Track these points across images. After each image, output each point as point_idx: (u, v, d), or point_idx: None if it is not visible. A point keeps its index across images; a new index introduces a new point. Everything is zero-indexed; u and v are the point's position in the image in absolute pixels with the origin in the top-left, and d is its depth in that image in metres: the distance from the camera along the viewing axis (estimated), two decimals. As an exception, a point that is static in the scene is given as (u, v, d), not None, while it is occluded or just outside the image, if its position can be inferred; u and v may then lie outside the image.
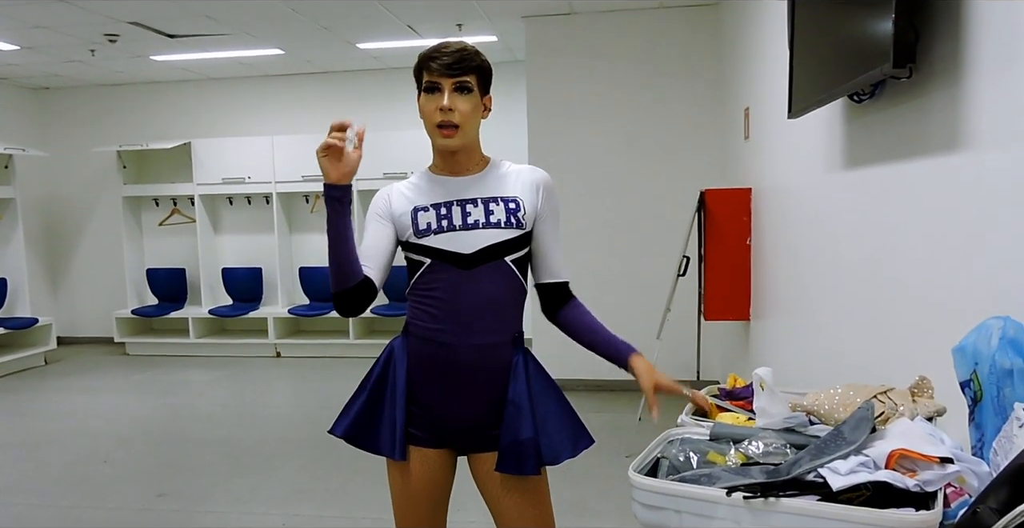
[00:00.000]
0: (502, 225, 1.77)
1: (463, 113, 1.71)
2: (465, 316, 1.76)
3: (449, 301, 1.77)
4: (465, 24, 5.65)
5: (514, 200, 1.79)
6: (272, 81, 7.56)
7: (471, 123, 1.75)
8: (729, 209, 4.21)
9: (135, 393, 6.20)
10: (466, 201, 1.79)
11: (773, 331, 3.71)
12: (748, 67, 4.22)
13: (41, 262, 7.98)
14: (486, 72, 1.77)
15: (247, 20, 5.39)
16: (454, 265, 1.76)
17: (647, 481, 1.35)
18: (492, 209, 1.78)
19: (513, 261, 1.79)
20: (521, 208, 1.79)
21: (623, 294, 5.52)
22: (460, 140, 1.74)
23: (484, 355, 1.77)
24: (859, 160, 2.30)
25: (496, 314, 1.78)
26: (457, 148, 1.76)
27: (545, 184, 1.84)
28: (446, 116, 1.71)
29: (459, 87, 1.71)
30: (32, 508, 3.71)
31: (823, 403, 1.54)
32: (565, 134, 5.57)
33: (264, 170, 7.24)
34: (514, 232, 1.78)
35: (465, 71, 1.71)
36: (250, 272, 7.61)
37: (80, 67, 6.85)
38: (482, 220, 1.77)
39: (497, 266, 1.77)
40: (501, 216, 1.77)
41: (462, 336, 1.76)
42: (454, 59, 1.70)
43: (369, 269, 1.77)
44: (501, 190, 1.80)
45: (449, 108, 1.70)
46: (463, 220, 1.77)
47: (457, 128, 1.72)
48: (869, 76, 1.84)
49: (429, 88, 1.73)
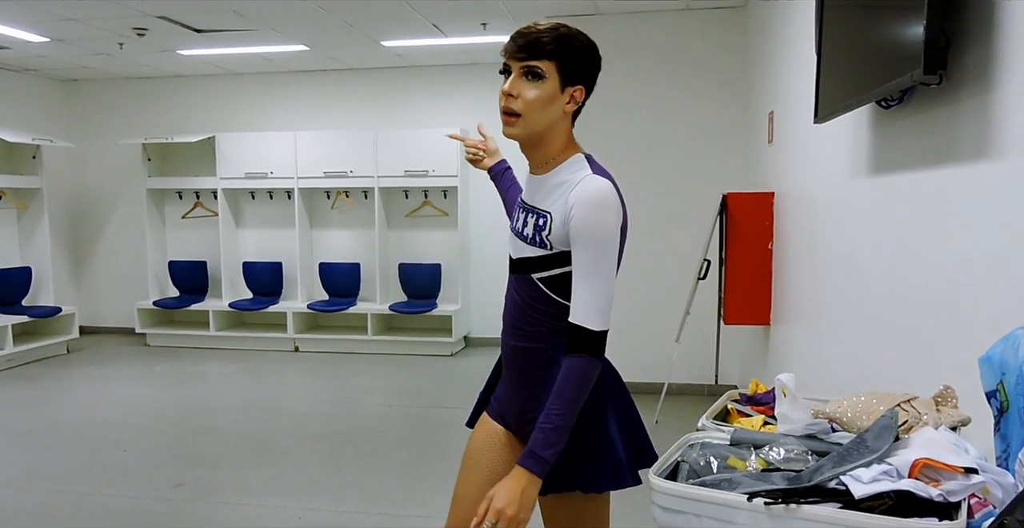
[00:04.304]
0: (528, 241, 1.65)
1: (526, 101, 1.57)
2: (507, 317, 1.76)
3: (505, 299, 1.78)
4: (490, 23, 5.65)
5: (544, 215, 1.62)
6: (297, 77, 7.60)
7: (536, 113, 1.58)
8: (751, 213, 4.19)
9: (155, 384, 6.27)
10: (522, 205, 1.72)
11: (794, 337, 3.69)
12: (773, 70, 4.20)
13: (65, 252, 8.09)
14: (570, 59, 1.59)
15: (273, 16, 5.42)
16: (509, 266, 1.75)
17: (667, 485, 1.35)
18: (528, 221, 1.67)
19: (542, 280, 1.65)
20: (547, 226, 1.60)
21: (643, 296, 5.51)
22: (521, 130, 1.60)
23: (518, 356, 1.73)
24: (886, 166, 2.29)
25: (523, 323, 1.71)
26: (519, 138, 1.63)
27: (579, 201, 1.54)
28: (507, 102, 1.59)
29: (528, 72, 1.57)
30: (52, 494, 3.76)
31: (846, 410, 1.53)
32: (587, 135, 5.53)
33: (287, 165, 7.29)
34: (538, 251, 1.63)
35: (534, 55, 1.56)
36: (270, 266, 7.67)
37: (108, 60, 6.93)
38: (520, 230, 1.69)
39: (526, 280, 1.68)
40: (529, 231, 1.65)
41: (507, 334, 1.77)
42: (526, 41, 1.57)
43: None
44: (543, 201, 1.64)
45: (510, 93, 1.58)
46: (515, 225, 1.73)
47: (519, 117, 1.58)
48: (899, 82, 1.82)
49: (503, 71, 1.62)
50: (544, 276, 1.64)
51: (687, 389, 5.24)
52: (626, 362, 5.87)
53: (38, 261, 7.28)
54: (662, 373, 4.98)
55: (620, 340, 5.54)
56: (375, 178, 7.10)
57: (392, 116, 7.39)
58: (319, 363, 6.90)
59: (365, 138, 7.13)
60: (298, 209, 7.40)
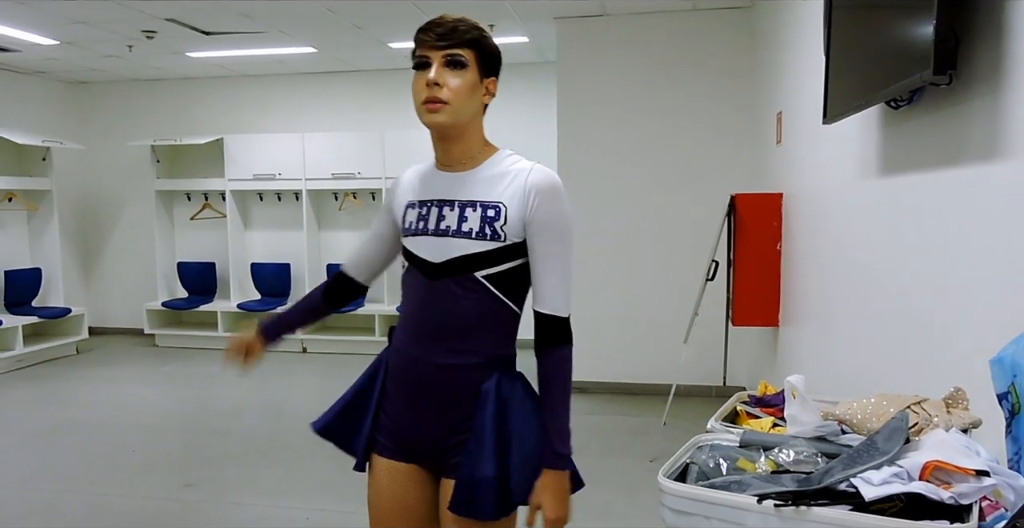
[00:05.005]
0: (473, 235, 1.53)
1: (454, 90, 1.49)
2: (427, 331, 1.59)
3: (414, 312, 1.61)
4: (497, 24, 5.66)
5: (495, 206, 1.53)
6: (304, 79, 7.62)
7: (463, 102, 1.52)
8: (759, 214, 4.18)
9: (164, 384, 6.29)
10: (445, 202, 1.59)
11: (802, 338, 3.68)
12: (781, 71, 4.19)
13: (75, 253, 8.12)
14: (487, 49, 1.56)
15: (281, 18, 5.44)
16: (423, 273, 1.58)
17: (677, 487, 1.35)
18: (467, 215, 1.55)
19: (489, 277, 1.54)
20: (501, 217, 1.53)
21: (651, 298, 5.50)
22: (448, 117, 1.51)
23: (446, 376, 1.55)
24: (895, 167, 2.28)
25: (459, 334, 1.56)
26: (445, 126, 1.53)
27: (540, 189, 1.53)
28: (432, 91, 1.49)
29: (450, 61, 1.50)
30: (61, 494, 3.77)
31: (855, 412, 1.53)
32: (595, 136, 5.56)
33: (294, 167, 7.30)
34: (488, 244, 1.53)
35: (458, 44, 1.51)
36: (278, 268, 7.68)
37: (117, 62, 6.96)
38: (453, 227, 1.55)
39: (465, 281, 1.54)
40: (474, 225, 1.54)
41: (424, 352, 1.58)
42: (446, 30, 1.51)
43: (357, 268, 1.85)
44: (486, 193, 1.55)
45: (435, 82, 1.49)
46: (436, 224, 1.58)
47: (445, 104, 1.50)
48: (908, 82, 1.81)
49: (419, 64, 1.53)
50: (492, 273, 1.55)
51: (695, 390, 5.23)
52: (634, 363, 5.88)
53: (48, 262, 7.31)
54: (670, 374, 4.96)
55: (628, 341, 5.57)
56: (382, 180, 7.11)
57: (399, 118, 7.38)
58: (327, 364, 6.91)
59: (373, 140, 7.14)
60: (306, 211, 7.41)
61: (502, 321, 1.58)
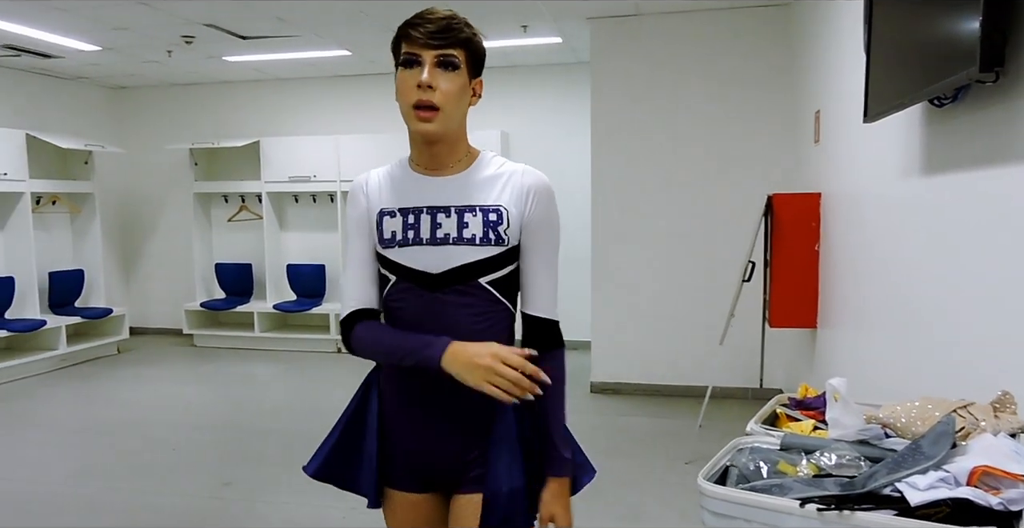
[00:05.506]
0: (477, 241, 1.47)
1: (446, 93, 1.42)
2: None
3: (415, 326, 1.50)
4: (530, 25, 5.66)
5: (496, 210, 1.48)
6: (339, 81, 7.69)
7: (455, 107, 1.45)
8: (797, 214, 4.13)
9: (202, 384, 6.39)
10: (438, 209, 1.50)
11: (842, 340, 3.63)
12: (819, 69, 4.13)
13: (116, 255, 8.29)
14: (477, 50, 1.48)
15: (316, 22, 5.49)
16: (420, 286, 1.49)
17: (717, 489, 1.34)
18: (467, 221, 1.48)
19: (492, 282, 1.50)
20: (504, 220, 1.48)
21: (686, 298, 5.46)
22: (440, 126, 1.44)
23: (457, 388, 1.43)
24: (939, 166, 2.24)
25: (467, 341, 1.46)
26: (436, 136, 1.47)
27: (538, 190, 1.50)
28: (425, 94, 1.41)
29: (443, 62, 1.42)
30: (104, 491, 3.85)
31: (899, 416, 1.50)
32: (629, 136, 5.53)
33: (329, 169, 7.38)
34: (492, 249, 1.48)
35: (451, 43, 1.42)
36: (314, 269, 7.76)
37: (157, 67, 7.09)
38: (453, 234, 1.48)
39: (470, 289, 1.48)
40: (477, 230, 1.47)
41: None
42: (438, 28, 1.42)
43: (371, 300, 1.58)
44: (482, 196, 1.49)
45: (429, 84, 1.41)
46: (432, 233, 1.49)
47: (437, 111, 1.42)
48: (953, 80, 1.78)
49: (407, 61, 1.44)
50: (495, 278, 1.50)
51: (731, 392, 5.18)
52: (668, 365, 5.84)
53: (90, 264, 7.47)
54: (706, 376, 4.93)
55: (663, 342, 5.54)
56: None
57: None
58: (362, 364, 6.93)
59: (406, 141, 7.12)
60: (341, 212, 7.48)
61: (507, 324, 1.55)
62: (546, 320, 1.53)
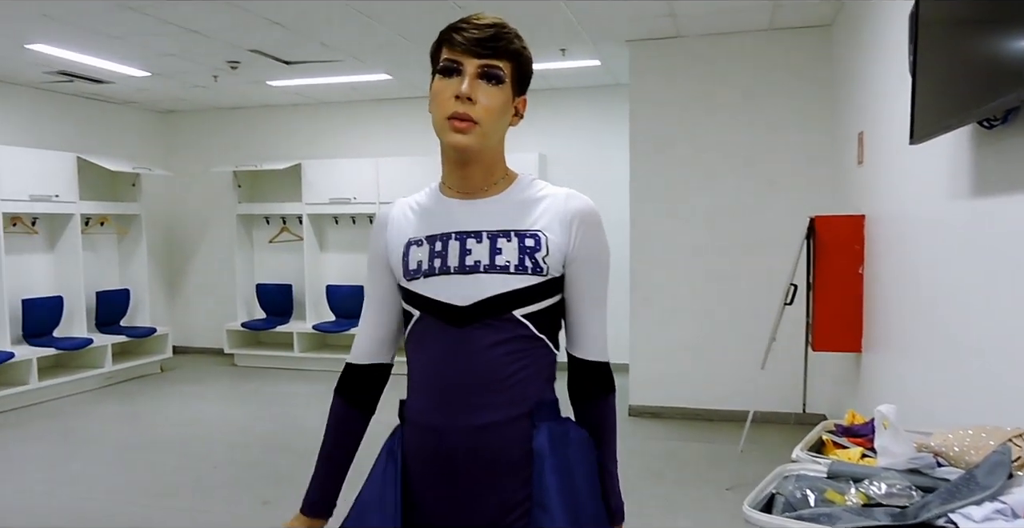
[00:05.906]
0: (511, 270, 1.31)
1: (487, 108, 1.27)
2: (456, 390, 1.33)
3: (436, 370, 1.35)
4: (568, 48, 5.69)
5: (534, 235, 1.32)
6: (379, 105, 7.81)
7: (495, 124, 1.30)
8: (840, 237, 4.07)
9: (243, 403, 6.46)
10: (468, 234, 1.34)
11: (888, 365, 3.55)
12: (862, 90, 4.09)
13: (161, 275, 8.46)
14: (525, 65, 1.33)
15: (358, 46, 5.59)
16: (446, 321, 1.33)
17: (765, 518, 1.31)
18: (500, 247, 1.32)
19: (529, 316, 1.32)
20: (543, 246, 1.31)
21: (726, 321, 5.40)
22: (476, 139, 1.29)
23: (486, 439, 1.30)
24: (988, 188, 2.19)
25: (498, 385, 1.31)
26: (471, 150, 1.30)
27: (584, 218, 1.34)
28: (463, 106, 1.26)
29: (486, 73, 1.28)
30: (146, 508, 3.90)
31: (952, 444, 1.46)
32: (668, 158, 5.51)
33: (368, 191, 7.47)
34: (529, 279, 1.31)
35: (498, 53, 1.28)
36: (353, 290, 7.83)
37: (203, 92, 7.27)
38: (484, 262, 1.32)
39: (501, 323, 1.31)
40: (511, 257, 1.31)
41: (454, 415, 1.32)
42: (486, 35, 1.26)
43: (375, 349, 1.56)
44: (518, 221, 1.34)
45: (468, 97, 1.26)
46: (460, 261, 1.33)
47: (475, 124, 1.27)
48: (1003, 101, 1.75)
49: (447, 69, 1.28)
50: (532, 311, 1.32)
51: (773, 417, 5.09)
52: (709, 389, 5.76)
53: (136, 283, 7.64)
54: (747, 401, 4.84)
55: (703, 366, 5.48)
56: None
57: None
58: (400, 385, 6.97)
59: (445, 163, 7.22)
60: (380, 233, 7.54)
61: (545, 363, 1.37)
62: (599, 363, 1.39)
